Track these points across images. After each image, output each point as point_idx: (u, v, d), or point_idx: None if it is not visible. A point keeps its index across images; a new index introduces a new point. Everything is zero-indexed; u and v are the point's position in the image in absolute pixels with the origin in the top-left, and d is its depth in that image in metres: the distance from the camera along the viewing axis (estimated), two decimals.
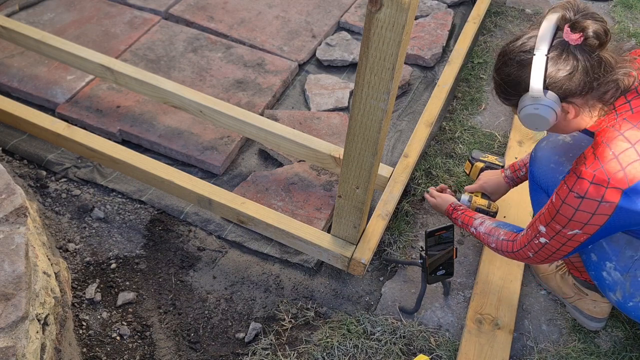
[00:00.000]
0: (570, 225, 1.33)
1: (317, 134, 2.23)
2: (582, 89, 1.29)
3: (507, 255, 1.57)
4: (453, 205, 1.80)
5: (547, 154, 1.55)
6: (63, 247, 1.88)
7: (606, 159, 1.25)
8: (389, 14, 1.15)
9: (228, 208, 1.79)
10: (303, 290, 1.85)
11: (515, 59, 1.33)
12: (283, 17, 2.80)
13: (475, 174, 2.00)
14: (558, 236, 1.38)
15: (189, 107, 2.07)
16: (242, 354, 1.68)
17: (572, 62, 1.27)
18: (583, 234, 1.34)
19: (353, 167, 1.50)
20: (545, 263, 1.52)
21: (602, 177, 1.25)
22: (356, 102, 1.34)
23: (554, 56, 1.27)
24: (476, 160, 2.00)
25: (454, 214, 1.77)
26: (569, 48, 1.27)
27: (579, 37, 1.25)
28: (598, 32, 1.24)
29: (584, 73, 1.27)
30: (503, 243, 1.57)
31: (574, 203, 1.30)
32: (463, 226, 1.73)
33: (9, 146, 2.14)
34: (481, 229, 1.65)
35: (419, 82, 2.59)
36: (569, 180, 1.31)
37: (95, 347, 1.66)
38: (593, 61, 1.27)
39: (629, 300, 1.47)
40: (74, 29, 2.60)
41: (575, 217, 1.31)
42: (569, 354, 1.71)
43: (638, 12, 3.14)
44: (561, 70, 1.27)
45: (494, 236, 1.60)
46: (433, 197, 1.89)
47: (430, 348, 1.71)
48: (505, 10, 3.08)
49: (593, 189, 1.26)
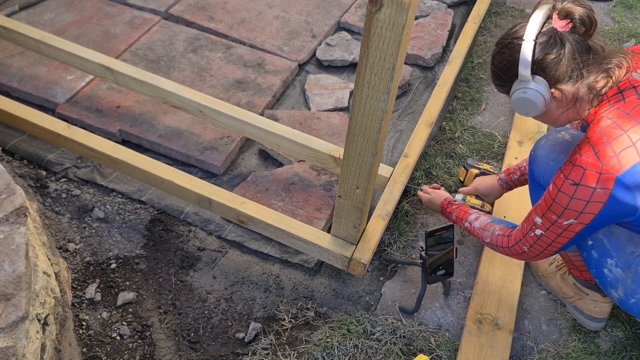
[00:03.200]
0: (565, 214, 1.35)
1: (317, 134, 2.23)
2: (571, 74, 1.32)
3: (502, 251, 1.59)
4: (448, 199, 1.83)
5: (547, 152, 1.56)
6: (63, 247, 1.88)
7: (600, 146, 1.28)
8: (389, 14, 1.15)
9: (228, 208, 1.79)
10: (303, 290, 1.85)
11: (508, 45, 1.38)
12: (283, 17, 2.80)
13: (470, 181, 2.06)
14: (554, 227, 1.39)
15: (189, 107, 2.07)
16: (242, 354, 1.68)
17: (559, 47, 1.31)
18: (578, 224, 1.35)
19: (353, 167, 1.50)
20: (539, 259, 1.53)
21: (596, 163, 1.27)
22: (356, 102, 1.34)
23: (542, 42, 1.32)
24: (471, 167, 2.07)
25: (449, 208, 1.79)
26: (557, 34, 1.31)
27: (566, 24, 1.30)
28: (583, 18, 1.29)
29: (572, 58, 1.31)
30: (498, 238, 1.58)
31: (569, 191, 1.31)
32: (457, 221, 1.74)
33: (9, 146, 2.14)
34: (476, 224, 1.67)
35: (419, 82, 2.59)
36: (564, 169, 1.34)
37: (95, 347, 1.66)
38: (580, 47, 1.31)
39: (630, 297, 1.47)
40: (74, 29, 2.60)
41: (571, 205, 1.32)
42: (569, 354, 1.71)
43: (638, 12, 3.14)
44: (549, 55, 1.32)
45: (489, 231, 1.62)
46: (427, 194, 1.92)
47: (430, 348, 1.71)
48: (505, 10, 3.08)
49: (588, 175, 1.28)
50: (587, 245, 1.52)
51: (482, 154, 2.28)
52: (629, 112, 1.30)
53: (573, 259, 1.67)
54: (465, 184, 2.09)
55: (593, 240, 1.49)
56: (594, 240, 1.49)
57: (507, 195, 1.96)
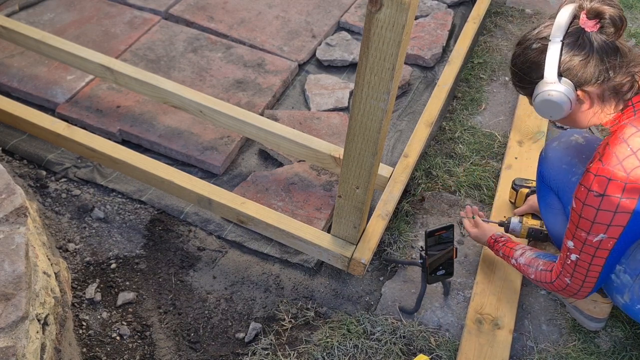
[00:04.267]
0: (594, 230, 1.31)
1: (317, 134, 2.23)
2: (598, 77, 1.28)
3: (548, 287, 1.54)
4: (494, 237, 1.76)
5: (559, 155, 1.53)
6: (63, 247, 1.88)
7: (623, 155, 1.24)
8: (389, 14, 1.15)
9: (228, 208, 1.79)
10: (303, 290, 1.85)
11: (531, 46, 1.33)
12: (283, 17, 2.80)
13: (521, 201, 1.97)
14: (586, 247, 1.35)
15: (189, 107, 2.07)
16: (242, 354, 1.68)
17: (587, 49, 1.26)
18: (609, 239, 1.32)
19: (353, 167, 1.50)
20: (585, 291, 1.45)
21: (620, 173, 1.24)
22: (356, 102, 1.34)
23: (569, 43, 1.27)
24: (520, 187, 1.98)
25: (496, 246, 1.74)
26: (584, 35, 1.26)
27: (595, 24, 1.25)
28: (614, 18, 1.24)
29: (599, 60, 1.26)
30: (542, 274, 1.55)
31: (594, 203, 1.27)
32: (504, 258, 1.70)
33: (9, 146, 2.14)
34: (521, 260, 1.62)
35: (419, 82, 2.59)
36: (585, 180, 1.29)
37: (95, 347, 1.66)
38: (609, 48, 1.26)
39: (637, 303, 1.46)
40: (74, 29, 2.60)
41: (598, 218, 1.29)
42: (569, 354, 1.71)
43: (638, 12, 3.14)
44: (576, 57, 1.27)
45: (534, 267, 1.58)
46: (475, 228, 1.85)
47: (430, 348, 1.71)
48: (505, 10, 3.08)
49: (612, 185, 1.24)
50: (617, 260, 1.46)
51: (482, 154, 2.28)
52: None
53: None
54: (516, 205, 2.00)
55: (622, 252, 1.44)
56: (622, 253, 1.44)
57: None
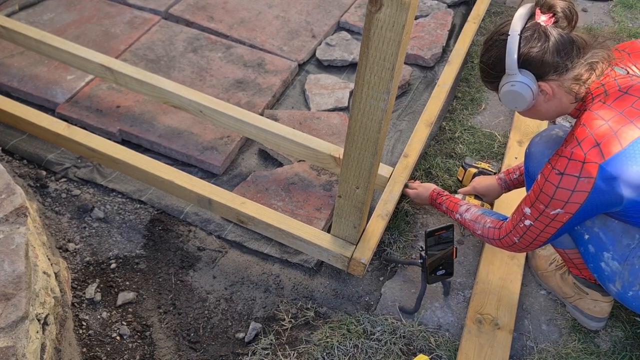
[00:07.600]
0: (552, 204, 1.38)
1: (317, 134, 2.23)
2: (556, 67, 1.37)
3: (493, 243, 1.61)
4: (436, 190, 1.84)
5: (541, 149, 1.59)
6: (63, 247, 1.88)
7: (582, 137, 1.32)
8: (389, 14, 1.15)
9: (228, 208, 1.79)
10: (303, 290, 1.85)
11: (495, 42, 1.43)
12: (283, 17, 2.80)
13: (468, 180, 2.06)
14: (542, 216, 1.42)
15: (189, 107, 2.07)
16: (242, 354, 1.68)
17: (543, 41, 1.35)
18: (565, 214, 1.38)
19: (353, 167, 1.50)
20: (528, 249, 1.55)
21: (579, 153, 1.31)
22: (356, 102, 1.34)
23: (527, 36, 1.37)
24: (469, 166, 2.07)
25: (439, 199, 1.80)
26: (540, 28, 1.36)
27: (549, 17, 1.35)
28: (565, 11, 1.34)
29: (556, 52, 1.35)
30: (489, 230, 1.61)
31: (555, 180, 1.35)
32: (447, 212, 1.76)
33: (9, 146, 2.14)
34: (467, 216, 1.69)
35: (419, 82, 2.59)
36: (552, 160, 1.37)
37: (95, 347, 1.66)
38: (564, 40, 1.35)
39: (628, 289, 1.48)
40: (74, 29, 2.60)
41: (557, 194, 1.35)
42: (569, 354, 1.71)
43: (638, 12, 3.14)
44: (534, 49, 1.36)
45: (480, 223, 1.64)
46: (414, 188, 1.92)
47: (430, 348, 1.71)
48: (505, 10, 3.08)
49: (572, 165, 1.32)
50: (583, 239, 1.53)
51: (482, 153, 2.28)
52: (611, 104, 1.34)
53: (572, 257, 1.68)
54: (463, 184, 2.09)
55: (589, 234, 1.51)
56: (590, 234, 1.51)
57: (507, 196, 1.96)
